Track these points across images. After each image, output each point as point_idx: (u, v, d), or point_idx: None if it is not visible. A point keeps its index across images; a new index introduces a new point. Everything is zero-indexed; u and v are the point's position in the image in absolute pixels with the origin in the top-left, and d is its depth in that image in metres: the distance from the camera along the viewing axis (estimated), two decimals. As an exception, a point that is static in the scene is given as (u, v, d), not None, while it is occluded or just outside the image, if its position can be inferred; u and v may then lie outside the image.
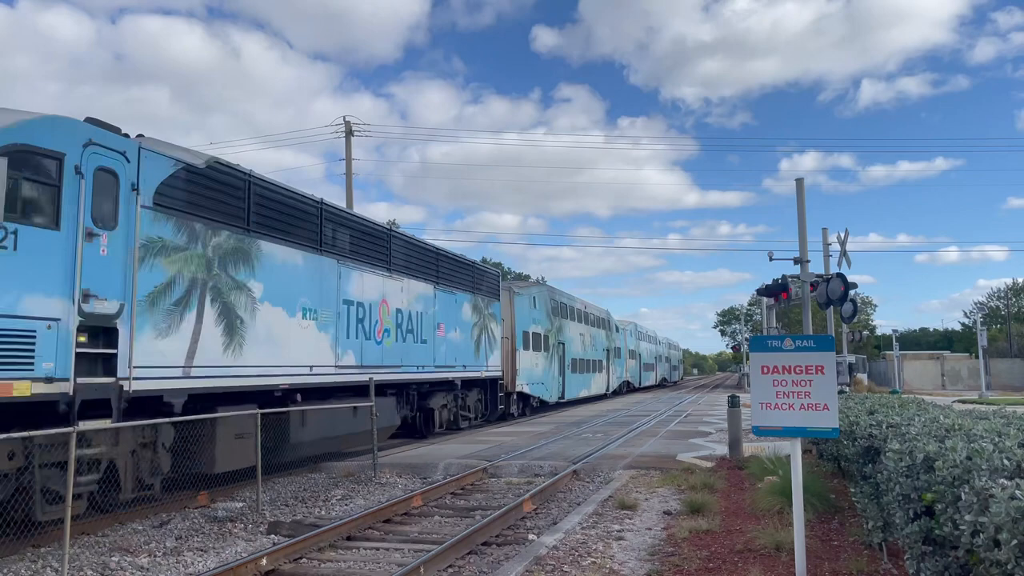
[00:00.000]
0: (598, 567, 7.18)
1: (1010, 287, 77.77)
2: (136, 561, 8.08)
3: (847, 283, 16.14)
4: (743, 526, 8.65)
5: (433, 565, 7.47)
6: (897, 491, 4.91)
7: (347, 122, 32.66)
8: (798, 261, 17.40)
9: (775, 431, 6.32)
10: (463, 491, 12.45)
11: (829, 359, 6.29)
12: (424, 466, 14.53)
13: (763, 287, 18.36)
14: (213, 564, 7.98)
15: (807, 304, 17.21)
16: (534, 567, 7.20)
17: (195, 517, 10.28)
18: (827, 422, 6.17)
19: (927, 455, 4.43)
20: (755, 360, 6.40)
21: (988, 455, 3.88)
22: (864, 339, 61.11)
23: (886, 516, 5.88)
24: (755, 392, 6.38)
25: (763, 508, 9.43)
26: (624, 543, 8.18)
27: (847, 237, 20.05)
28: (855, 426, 7.63)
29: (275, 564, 7.71)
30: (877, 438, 6.44)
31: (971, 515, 3.47)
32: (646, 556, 7.55)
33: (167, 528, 9.67)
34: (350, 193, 31.22)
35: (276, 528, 9.57)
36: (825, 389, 6.20)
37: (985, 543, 3.30)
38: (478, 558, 8.14)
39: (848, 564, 6.76)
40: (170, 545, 8.80)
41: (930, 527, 4.34)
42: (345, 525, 9.14)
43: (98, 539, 9.01)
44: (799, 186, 17.99)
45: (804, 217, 17.68)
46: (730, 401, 15.51)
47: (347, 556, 8.34)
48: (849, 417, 8.16)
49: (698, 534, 8.32)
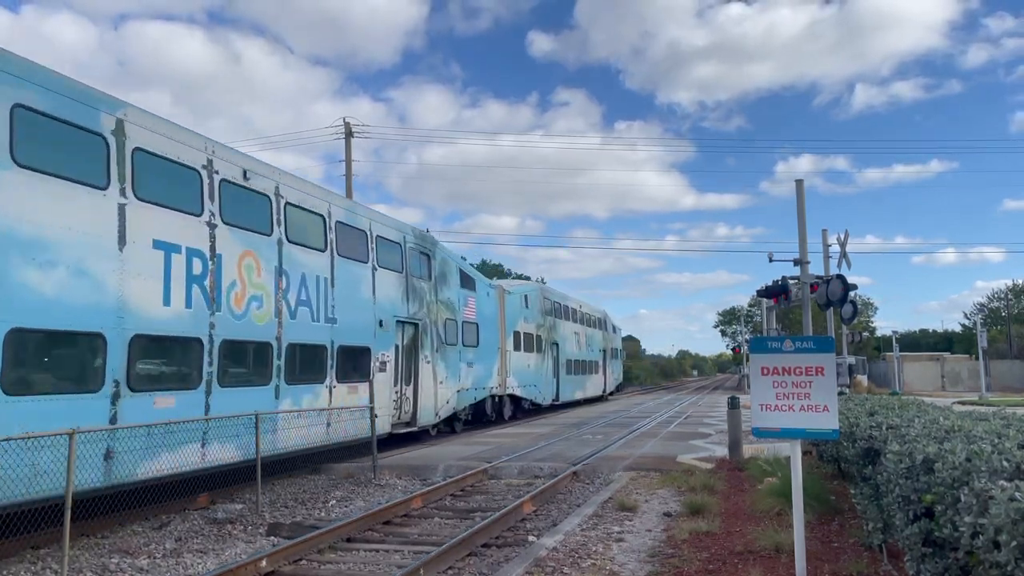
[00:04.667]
0: (598, 568, 7.17)
1: (1010, 288, 77.79)
2: (136, 563, 8.07)
3: (847, 284, 16.14)
4: (743, 527, 8.64)
5: (433, 567, 7.47)
6: (897, 492, 4.90)
7: (347, 123, 32.67)
8: (798, 262, 17.40)
9: (775, 432, 6.32)
10: (463, 492, 12.44)
11: (829, 360, 6.28)
12: (424, 467, 14.52)
13: (763, 288, 18.36)
14: (213, 566, 7.98)
15: (807, 305, 17.21)
16: (534, 568, 7.19)
17: (195, 519, 10.27)
18: (827, 423, 6.17)
19: (927, 457, 4.43)
20: (755, 361, 6.40)
21: (987, 457, 3.88)
22: (864, 340, 61.11)
23: (886, 518, 5.88)
24: (755, 393, 6.37)
25: (763, 509, 9.42)
26: (624, 544, 8.18)
27: (847, 238, 20.04)
28: (855, 427, 7.62)
29: (275, 566, 7.70)
30: (877, 439, 6.44)
31: (971, 517, 3.46)
32: (646, 557, 7.54)
33: (167, 530, 9.66)
34: (349, 194, 31.20)
35: (276, 530, 9.57)
36: (825, 390, 6.20)
37: (985, 545, 3.29)
38: (478, 560, 8.13)
39: (848, 566, 6.75)
40: (170, 547, 8.79)
41: (930, 529, 4.33)
42: (345, 527, 9.14)
43: (98, 540, 9.00)
44: (799, 187, 17.98)
45: (804, 218, 17.68)
46: (730, 402, 15.49)
47: (347, 557, 8.33)
48: (849, 418, 8.15)
49: (698, 535, 8.32)
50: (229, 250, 11.86)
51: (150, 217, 10.32)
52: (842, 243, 20.06)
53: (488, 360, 24.34)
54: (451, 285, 21.28)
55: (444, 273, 20.81)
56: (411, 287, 18.41)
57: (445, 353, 20.39)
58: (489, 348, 24.49)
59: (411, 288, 18.39)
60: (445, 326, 20.47)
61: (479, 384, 23.35)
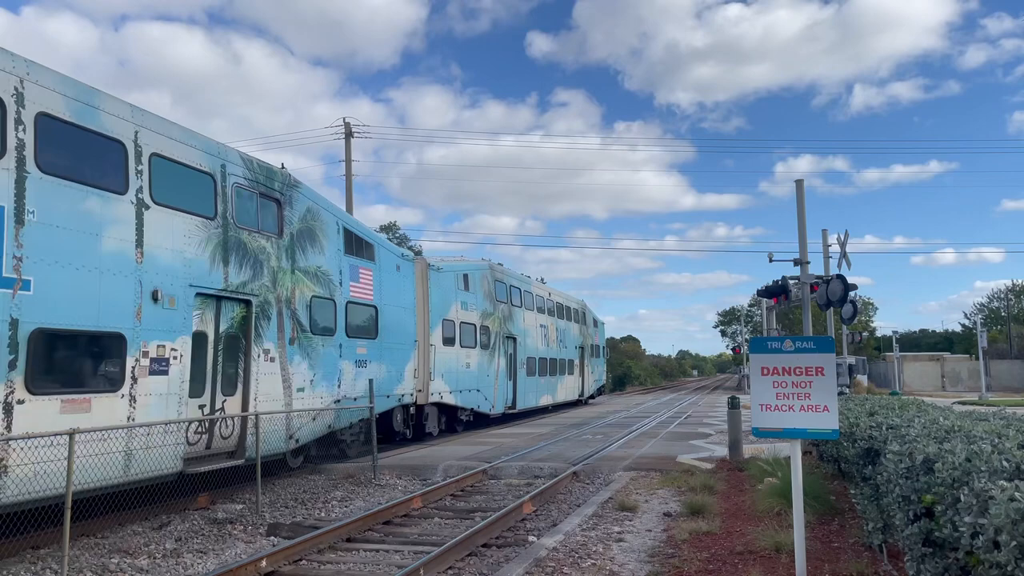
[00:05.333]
0: (598, 568, 7.17)
1: (1010, 288, 77.79)
2: (136, 563, 8.07)
3: (847, 284, 16.13)
4: (743, 528, 8.64)
5: (433, 567, 7.47)
6: (897, 493, 4.90)
7: (347, 123, 32.67)
8: (798, 262, 17.38)
9: (775, 432, 6.32)
10: (463, 492, 12.45)
11: (829, 360, 6.28)
12: (424, 468, 14.53)
13: (763, 288, 18.35)
14: (213, 566, 7.98)
15: (807, 305, 17.20)
16: (534, 568, 7.19)
17: (195, 519, 10.27)
18: (827, 423, 6.17)
19: (927, 457, 4.43)
20: (755, 361, 6.40)
21: (987, 457, 3.88)
22: (864, 341, 61.11)
23: (886, 518, 5.88)
24: (755, 393, 6.37)
25: (763, 510, 9.43)
26: (624, 545, 8.18)
27: (847, 238, 20.03)
28: (855, 428, 7.62)
29: (275, 566, 7.70)
30: (877, 440, 6.44)
31: (971, 517, 3.46)
32: (646, 558, 7.54)
33: (167, 530, 9.66)
34: (350, 194, 31.24)
35: (276, 530, 9.57)
36: (825, 390, 6.20)
37: (985, 545, 3.29)
38: (478, 560, 8.13)
39: (848, 566, 6.75)
40: (170, 547, 8.79)
41: (930, 529, 4.33)
42: (345, 527, 9.13)
43: (98, 540, 9.00)
44: (799, 187, 17.97)
45: (804, 218, 17.67)
46: (730, 402, 15.51)
47: (347, 558, 8.33)
48: (849, 419, 8.15)
49: (698, 535, 8.32)
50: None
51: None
52: (842, 243, 20.04)
53: (396, 357, 17.66)
54: (325, 249, 14.75)
55: (311, 230, 14.32)
56: (235, 244, 12.11)
57: (309, 347, 14.00)
58: (398, 341, 17.77)
59: (235, 246, 12.11)
60: (311, 307, 14.11)
61: (381, 390, 16.54)
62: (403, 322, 18.20)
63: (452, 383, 21.68)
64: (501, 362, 26.03)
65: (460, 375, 22.32)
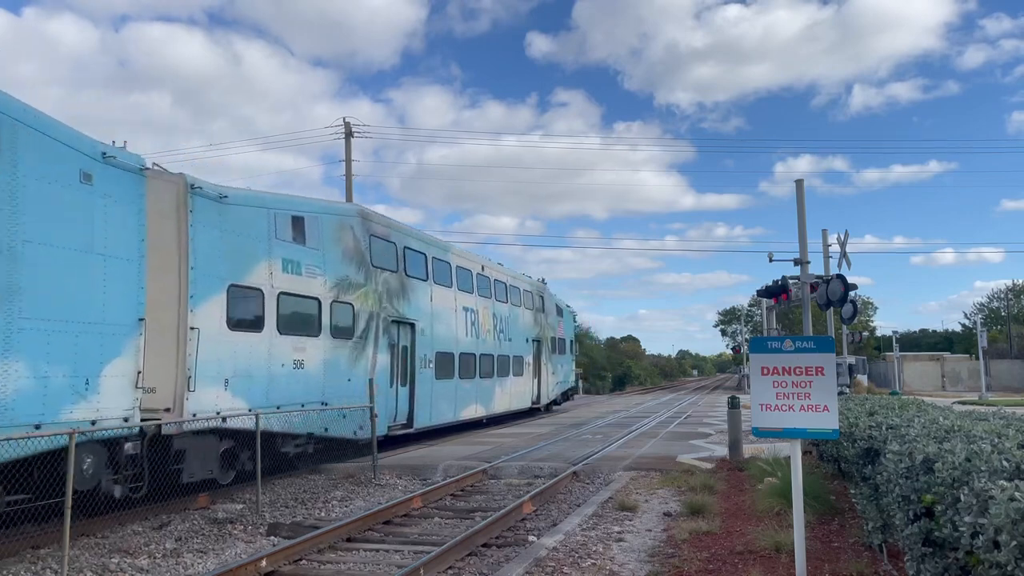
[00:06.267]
0: (598, 568, 7.18)
1: (1010, 288, 77.80)
2: (136, 563, 8.07)
3: (847, 284, 16.13)
4: (743, 527, 8.65)
5: (433, 567, 7.47)
6: (897, 492, 4.91)
7: (347, 123, 32.67)
8: (798, 262, 17.38)
9: (775, 432, 6.32)
10: (463, 492, 12.45)
11: (829, 360, 6.29)
12: (424, 467, 14.53)
13: (763, 288, 18.36)
14: (213, 566, 7.98)
15: (807, 305, 17.20)
16: (534, 568, 7.19)
17: (195, 519, 10.27)
18: (827, 423, 6.17)
19: (927, 456, 4.43)
20: (755, 361, 6.40)
21: (987, 456, 3.88)
22: (864, 340, 61.11)
23: (886, 517, 5.88)
24: (755, 393, 6.38)
25: (763, 509, 9.43)
26: (624, 544, 8.18)
27: (847, 238, 20.03)
28: (855, 427, 7.63)
29: (275, 565, 7.70)
30: (877, 439, 6.44)
31: (970, 516, 3.46)
32: (646, 558, 7.54)
33: (167, 530, 9.66)
34: (350, 194, 31.25)
35: (276, 529, 9.57)
36: (825, 390, 6.20)
37: (985, 544, 3.29)
38: (478, 560, 8.13)
39: (848, 565, 6.75)
40: (170, 547, 8.79)
41: (930, 528, 4.33)
42: (345, 526, 9.14)
43: (98, 540, 9.00)
44: (799, 187, 17.97)
45: (804, 218, 17.67)
46: (730, 402, 15.51)
47: (347, 557, 8.33)
48: (849, 418, 8.16)
49: (698, 535, 8.32)
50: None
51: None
52: (842, 243, 20.05)
53: (65, 347, 9.01)
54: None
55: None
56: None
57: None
58: (69, 315, 9.08)
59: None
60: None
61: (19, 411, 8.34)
62: (88, 280, 9.48)
63: (255, 393, 12.75)
64: (381, 359, 17.29)
65: (276, 380, 13.43)
